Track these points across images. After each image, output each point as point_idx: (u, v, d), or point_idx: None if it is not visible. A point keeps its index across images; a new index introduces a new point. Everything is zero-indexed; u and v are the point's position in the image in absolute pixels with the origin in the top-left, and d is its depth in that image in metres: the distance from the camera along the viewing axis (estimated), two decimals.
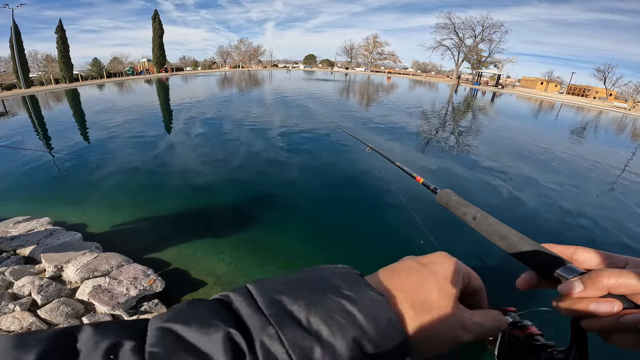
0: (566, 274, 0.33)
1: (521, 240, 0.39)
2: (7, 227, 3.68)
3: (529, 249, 0.37)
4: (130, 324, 0.24)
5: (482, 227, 0.45)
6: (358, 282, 0.27)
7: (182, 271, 3.30)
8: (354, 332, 0.23)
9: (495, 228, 0.42)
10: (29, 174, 6.10)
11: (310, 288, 0.26)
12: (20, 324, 2.28)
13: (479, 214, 0.46)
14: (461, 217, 0.50)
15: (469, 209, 0.49)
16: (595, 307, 0.30)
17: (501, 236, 0.41)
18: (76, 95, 22.41)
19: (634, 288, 0.29)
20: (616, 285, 0.30)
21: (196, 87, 27.83)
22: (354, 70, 67.07)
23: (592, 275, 0.31)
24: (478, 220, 0.46)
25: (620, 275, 0.30)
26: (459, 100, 26.06)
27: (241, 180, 5.96)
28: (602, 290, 0.30)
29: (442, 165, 7.63)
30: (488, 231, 0.43)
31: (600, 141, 14.26)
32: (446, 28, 48.83)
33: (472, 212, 0.48)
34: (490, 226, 0.43)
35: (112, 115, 12.56)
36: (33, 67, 33.28)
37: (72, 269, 2.90)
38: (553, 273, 0.34)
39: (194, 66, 62.99)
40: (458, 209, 0.51)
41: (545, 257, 0.36)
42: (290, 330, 0.22)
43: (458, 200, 0.53)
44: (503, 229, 0.42)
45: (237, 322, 0.23)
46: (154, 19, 43.83)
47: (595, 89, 55.06)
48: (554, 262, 0.35)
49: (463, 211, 0.50)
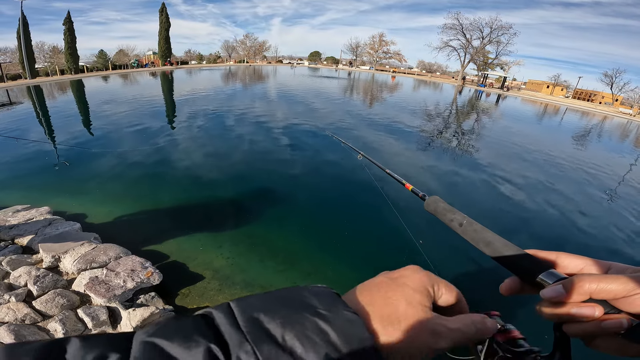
0: (548, 279, 0.34)
1: (505, 246, 0.40)
2: (7, 216, 3.67)
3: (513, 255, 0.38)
4: (116, 338, 0.25)
5: (468, 234, 0.45)
6: (334, 302, 0.28)
7: (180, 264, 3.28)
8: (326, 349, 0.24)
9: (481, 234, 0.43)
10: (30, 164, 6.09)
11: (287, 306, 0.27)
12: (14, 315, 2.26)
13: (465, 221, 0.47)
14: (448, 223, 0.51)
15: (456, 216, 0.50)
16: (577, 311, 0.31)
17: (486, 242, 0.42)
18: (81, 86, 22.42)
19: (615, 293, 0.30)
20: (597, 290, 0.30)
21: (200, 80, 27.78)
22: (358, 69, 66.78)
23: (573, 280, 0.32)
24: (464, 226, 0.47)
25: (601, 280, 0.31)
26: (463, 102, 25.91)
27: (241, 175, 5.93)
28: (584, 295, 0.31)
29: (440, 167, 7.57)
30: (474, 237, 0.44)
31: (601, 147, 14.13)
32: (454, 29, 48.56)
33: (459, 218, 0.49)
34: (476, 232, 0.44)
35: (115, 107, 12.54)
36: (39, 58, 33.39)
37: (69, 260, 2.89)
38: (536, 278, 0.35)
39: (199, 60, 62.94)
40: (445, 216, 0.52)
41: (529, 262, 0.36)
42: (266, 347, 0.23)
43: (445, 207, 0.54)
44: (488, 235, 0.42)
45: (218, 338, 0.24)
46: (161, 11, 43.69)
47: (602, 94, 54.69)
48: (537, 267, 0.35)
49: (450, 218, 0.51)
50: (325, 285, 0.31)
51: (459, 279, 3.41)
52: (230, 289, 2.98)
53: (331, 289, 0.30)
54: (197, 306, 2.77)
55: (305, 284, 0.31)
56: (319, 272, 3.34)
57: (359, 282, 0.56)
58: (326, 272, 3.35)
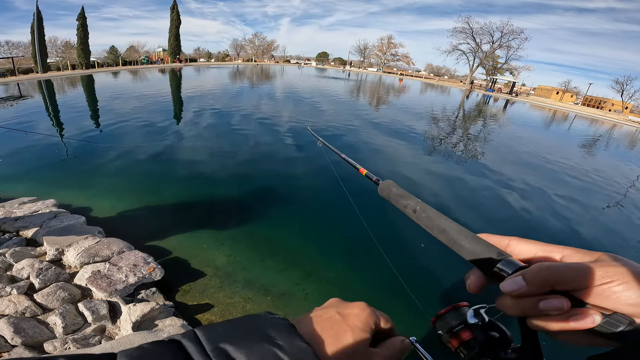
0: (507, 268, 0.32)
1: (460, 233, 0.37)
2: (12, 208, 3.70)
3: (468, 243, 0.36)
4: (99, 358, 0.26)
5: (422, 220, 0.42)
6: (289, 333, 0.30)
7: (182, 260, 3.28)
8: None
9: (435, 221, 0.40)
10: (38, 157, 6.16)
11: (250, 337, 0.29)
12: (15, 308, 2.26)
13: (418, 206, 0.44)
14: (402, 209, 0.48)
15: (409, 201, 0.46)
16: (544, 305, 0.29)
17: (441, 229, 0.39)
18: (91, 81, 22.67)
19: (578, 284, 0.28)
20: (558, 280, 0.29)
21: (208, 78, 27.94)
22: (365, 70, 66.66)
23: (533, 271, 0.30)
24: (418, 212, 0.43)
25: (563, 270, 0.29)
26: (470, 106, 25.71)
27: (244, 173, 5.94)
28: (545, 286, 0.29)
29: (442, 170, 7.51)
30: (428, 224, 0.41)
31: (607, 155, 13.92)
32: (463, 32, 48.25)
33: (412, 204, 0.45)
34: (430, 219, 0.41)
35: (123, 103, 12.66)
36: (52, 53, 33.80)
37: (72, 253, 2.90)
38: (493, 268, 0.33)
39: (208, 58, 63.32)
40: (398, 201, 0.49)
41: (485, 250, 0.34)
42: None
43: (398, 192, 0.50)
44: (442, 222, 0.39)
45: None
46: (172, 9, 44.07)
47: (612, 101, 53.96)
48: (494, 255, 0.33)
49: (404, 203, 0.47)
50: (282, 317, 0.34)
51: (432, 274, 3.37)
52: (231, 286, 2.98)
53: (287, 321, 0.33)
54: (197, 303, 2.77)
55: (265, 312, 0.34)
56: (319, 273, 3.32)
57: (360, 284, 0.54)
58: (327, 273, 3.33)
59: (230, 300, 2.83)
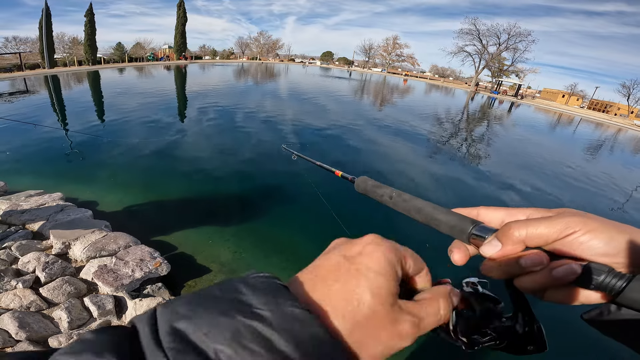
0: (482, 233, 0.33)
1: (435, 209, 0.39)
2: (19, 200, 3.71)
3: (444, 216, 0.37)
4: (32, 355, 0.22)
5: (399, 205, 0.45)
6: (275, 296, 0.22)
7: (188, 256, 3.27)
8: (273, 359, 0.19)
9: (411, 203, 0.43)
10: (46, 150, 6.19)
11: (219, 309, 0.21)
12: (20, 302, 2.25)
13: (394, 193, 0.47)
14: (379, 199, 0.50)
15: (385, 190, 0.49)
16: (525, 262, 0.29)
17: (417, 209, 0.42)
18: (97, 77, 22.78)
19: (547, 236, 0.29)
20: (527, 236, 0.29)
21: (213, 76, 27.99)
22: (369, 70, 66.52)
23: (504, 231, 0.31)
24: (394, 198, 0.46)
25: (529, 225, 0.30)
26: (475, 108, 25.57)
27: (249, 171, 5.94)
28: (519, 243, 0.30)
29: (445, 172, 7.46)
30: (405, 207, 0.44)
31: (611, 159, 13.79)
32: (470, 34, 47.98)
33: (388, 192, 0.48)
34: (406, 202, 0.44)
35: (129, 99, 12.70)
36: (59, 49, 34.01)
37: (79, 247, 2.90)
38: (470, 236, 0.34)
39: (213, 55, 63.47)
40: (375, 193, 0.52)
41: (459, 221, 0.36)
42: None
43: (374, 184, 0.53)
44: (418, 203, 0.42)
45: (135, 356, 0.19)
46: (179, 6, 44.22)
47: (617, 105, 53.51)
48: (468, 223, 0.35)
49: (380, 193, 0.50)
50: (267, 273, 0.24)
51: None
52: None
53: (274, 278, 0.24)
54: None
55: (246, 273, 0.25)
56: None
57: None
58: None
59: None
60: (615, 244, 0.27)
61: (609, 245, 0.27)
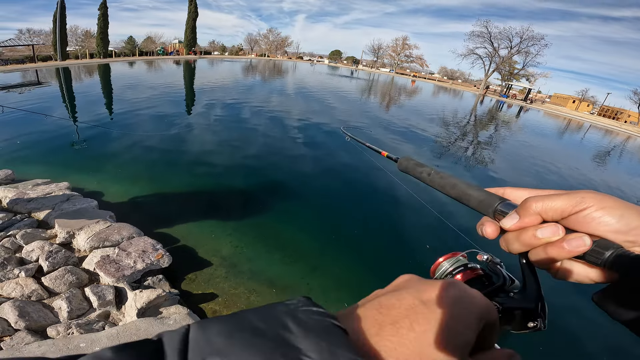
0: (506, 209, 0.36)
1: (468, 187, 0.43)
2: (26, 189, 3.76)
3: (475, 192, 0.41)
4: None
5: (436, 181, 0.49)
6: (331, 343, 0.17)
7: (190, 249, 3.29)
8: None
9: (447, 180, 0.47)
10: (54, 140, 6.27)
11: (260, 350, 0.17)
12: (22, 291, 2.27)
13: (432, 171, 0.52)
14: (418, 176, 0.55)
15: (424, 168, 0.54)
16: (541, 233, 0.31)
17: (452, 185, 0.46)
18: (107, 70, 23.01)
19: (562, 210, 0.30)
20: (544, 208, 0.31)
21: (221, 71, 28.10)
22: (377, 70, 66.20)
23: (522, 204, 0.33)
24: (432, 175, 0.51)
25: (544, 199, 0.32)
26: (483, 112, 25.32)
27: (254, 166, 5.96)
28: (535, 215, 0.32)
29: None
30: (441, 184, 0.48)
31: (619, 167, 13.55)
32: (481, 36, 47.47)
33: (427, 170, 0.53)
34: (442, 179, 0.48)
35: (138, 92, 12.80)
36: (71, 42, 34.42)
37: (83, 237, 2.93)
38: (496, 211, 0.37)
39: (222, 51, 63.72)
40: (415, 170, 0.56)
41: (488, 197, 0.39)
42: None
43: (415, 162, 0.57)
44: (452, 180, 0.46)
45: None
46: (190, 1, 44.42)
47: (628, 112, 52.59)
48: (496, 200, 0.38)
49: (419, 171, 0.54)
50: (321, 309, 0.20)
51: None
52: (236, 277, 2.97)
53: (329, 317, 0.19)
54: (202, 292, 2.77)
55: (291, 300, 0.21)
56: (324, 267, 3.30)
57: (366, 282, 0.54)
58: (333, 268, 3.31)
59: (235, 291, 2.83)
60: (628, 222, 0.28)
61: (621, 222, 0.28)
